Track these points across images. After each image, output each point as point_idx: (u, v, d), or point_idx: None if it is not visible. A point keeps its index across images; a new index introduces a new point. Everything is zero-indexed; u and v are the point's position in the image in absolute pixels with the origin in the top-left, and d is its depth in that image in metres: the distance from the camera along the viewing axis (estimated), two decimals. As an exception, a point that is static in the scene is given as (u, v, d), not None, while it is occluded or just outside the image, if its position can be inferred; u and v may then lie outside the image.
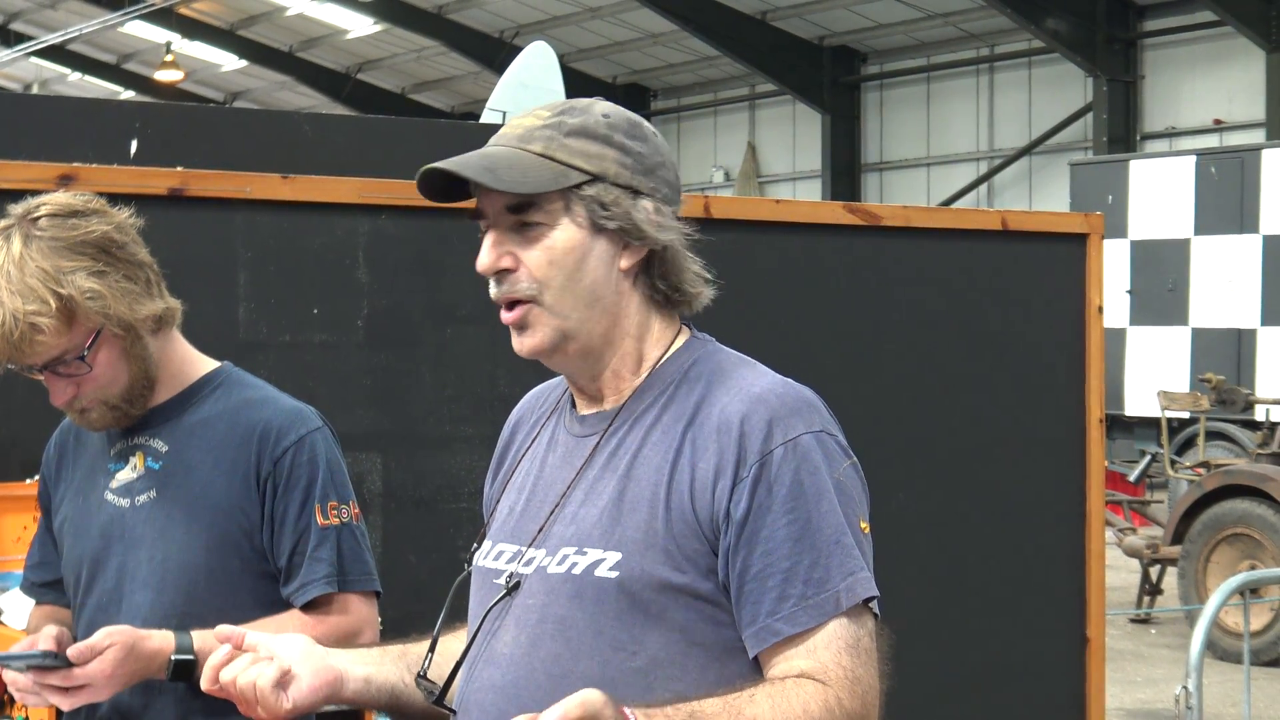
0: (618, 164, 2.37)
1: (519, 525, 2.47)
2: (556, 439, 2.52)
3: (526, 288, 2.37)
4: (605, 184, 2.36)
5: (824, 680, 2.24)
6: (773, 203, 6.15)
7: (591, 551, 2.33)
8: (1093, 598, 5.93)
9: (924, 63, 29.89)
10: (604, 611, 2.30)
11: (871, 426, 5.34)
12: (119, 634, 2.87)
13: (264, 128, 5.11)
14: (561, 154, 2.35)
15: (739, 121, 33.75)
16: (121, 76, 41.08)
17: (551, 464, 2.49)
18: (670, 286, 2.43)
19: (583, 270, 2.36)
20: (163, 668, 2.91)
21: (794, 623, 2.26)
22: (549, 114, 2.41)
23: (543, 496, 2.46)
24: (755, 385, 2.37)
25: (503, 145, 2.38)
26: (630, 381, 2.44)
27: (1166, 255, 17.62)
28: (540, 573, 2.38)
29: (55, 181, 4.19)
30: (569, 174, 2.35)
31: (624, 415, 2.42)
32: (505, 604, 2.41)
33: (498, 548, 2.49)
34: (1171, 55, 25.89)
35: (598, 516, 2.35)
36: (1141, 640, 12.21)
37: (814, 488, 2.30)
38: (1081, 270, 5.93)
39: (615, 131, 2.39)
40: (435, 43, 33.35)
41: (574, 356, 2.42)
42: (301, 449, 3.08)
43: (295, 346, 4.60)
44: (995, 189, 28.66)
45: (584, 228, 2.36)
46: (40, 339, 2.89)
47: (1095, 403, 5.93)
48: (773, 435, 2.30)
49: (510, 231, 2.37)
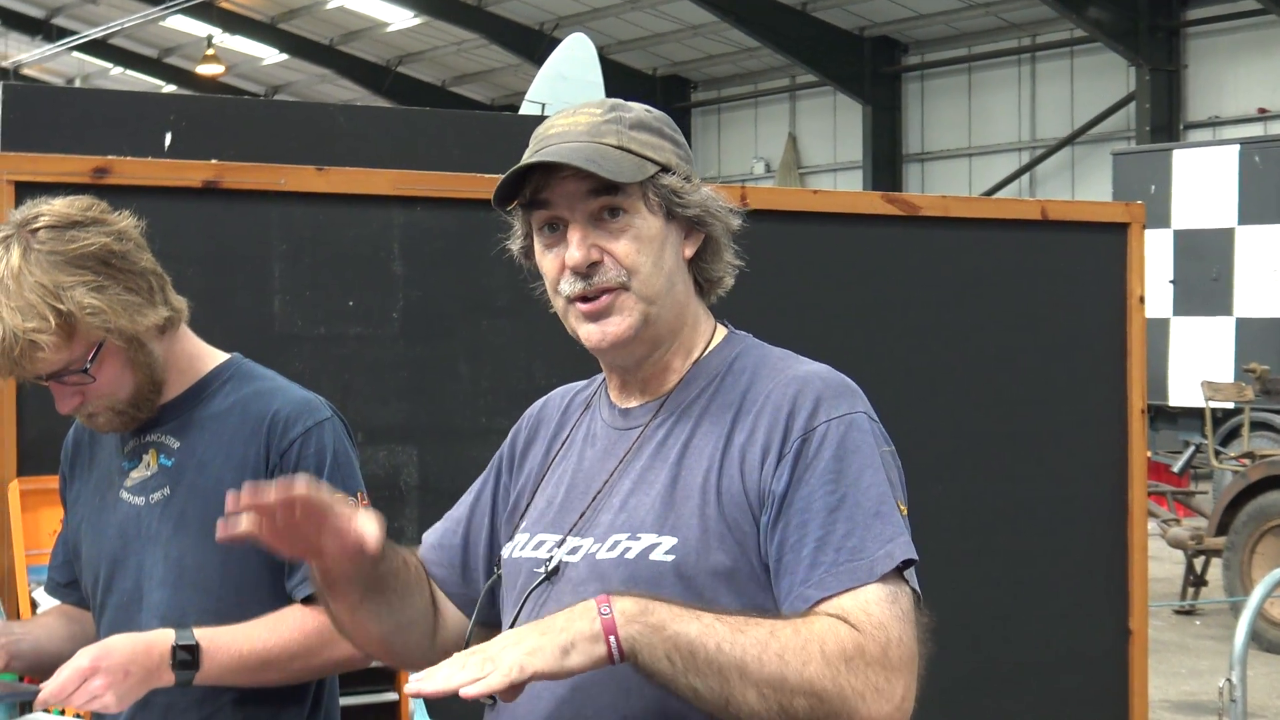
0: (675, 155, 2.46)
1: (559, 517, 2.49)
2: (594, 434, 2.54)
3: (616, 276, 2.40)
4: (672, 174, 2.44)
5: (850, 623, 2.20)
6: (810, 193, 6.11)
7: (646, 537, 2.35)
8: (1136, 590, 5.89)
9: (965, 53, 29.80)
10: (658, 594, 2.28)
11: (911, 417, 5.31)
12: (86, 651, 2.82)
13: (299, 120, 5.10)
14: (634, 146, 2.42)
15: (779, 113, 33.69)
16: (163, 71, 41.25)
17: (591, 457, 2.51)
18: (713, 272, 2.51)
19: (663, 257, 2.43)
20: (165, 658, 2.86)
21: (824, 587, 2.24)
22: (601, 110, 2.46)
23: (584, 488, 2.48)
24: (801, 370, 2.42)
25: (575, 141, 2.40)
26: (677, 373, 2.48)
27: (1210, 245, 17.50)
28: (589, 559, 2.39)
29: (91, 174, 4.20)
30: (646, 165, 2.41)
31: (670, 406, 2.45)
32: (546, 589, 2.42)
33: (537, 538, 2.50)
34: (1215, 44, 25.74)
35: (651, 503, 2.37)
36: (1186, 632, 12.14)
37: (856, 462, 2.31)
38: (1123, 260, 5.88)
39: (664, 125, 2.49)
40: (475, 35, 33.39)
41: (647, 343, 2.45)
42: (309, 440, 3.04)
43: (331, 339, 4.59)
44: (1037, 179, 28.54)
45: (660, 216, 2.43)
46: (41, 355, 2.86)
47: (1137, 393, 5.89)
48: (818, 413, 2.34)
49: (589, 226, 2.41)
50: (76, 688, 2.76)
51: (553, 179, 2.39)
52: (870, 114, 30.74)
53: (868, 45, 30.50)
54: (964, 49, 29.81)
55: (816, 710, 2.14)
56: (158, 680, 2.85)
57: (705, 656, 2.12)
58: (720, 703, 2.14)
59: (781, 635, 2.15)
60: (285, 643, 2.95)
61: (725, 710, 2.15)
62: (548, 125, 2.46)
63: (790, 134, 33.31)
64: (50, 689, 2.76)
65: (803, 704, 2.14)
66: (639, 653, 2.12)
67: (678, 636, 2.13)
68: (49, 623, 3.25)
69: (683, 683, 2.13)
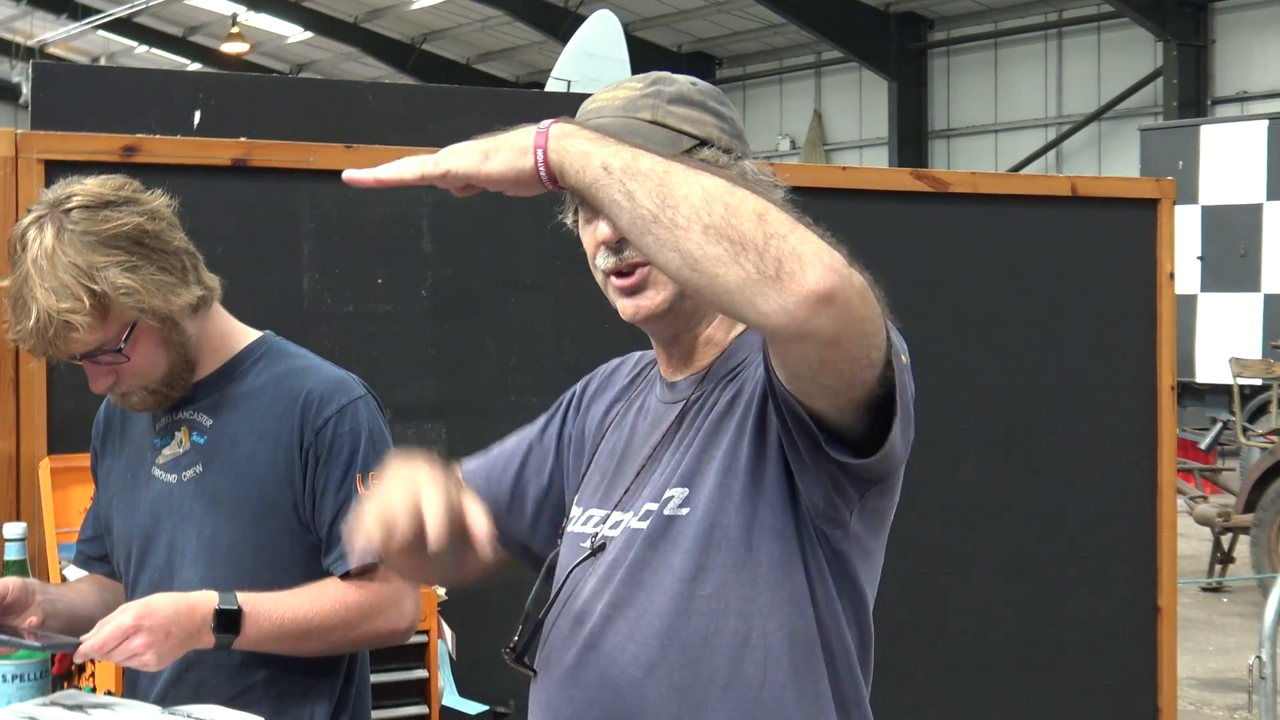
0: (717, 129, 2.42)
1: (608, 492, 2.50)
2: (647, 407, 2.54)
3: None
4: (712, 148, 2.40)
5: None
6: (839, 170, 6.09)
7: (667, 494, 2.34)
8: (1164, 566, 5.88)
9: (991, 28, 29.69)
10: (676, 547, 2.31)
11: (939, 395, 5.30)
12: (129, 607, 2.84)
13: (327, 98, 5.09)
14: (670, 120, 2.39)
15: (805, 89, 33.62)
16: (188, 49, 41.30)
17: (641, 430, 2.52)
18: None
19: None
20: (208, 620, 2.87)
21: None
22: (641, 85, 2.44)
23: (630, 463, 2.49)
24: None
25: (608, 117, 2.38)
26: (719, 346, 2.47)
27: (1238, 221, 17.44)
28: (625, 531, 2.39)
29: (120, 153, 4.20)
30: (681, 139, 2.38)
31: (711, 378, 2.44)
32: (588, 565, 2.43)
33: (588, 513, 2.51)
34: (1242, 18, 25.61)
35: (677, 466, 2.36)
36: (1214, 609, 12.11)
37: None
38: (1152, 236, 5.86)
39: (708, 98, 2.45)
40: (500, 12, 33.35)
41: (685, 316, 2.43)
42: (343, 418, 3.04)
43: (359, 317, 4.59)
44: (1064, 155, 28.44)
45: None
46: (75, 335, 2.87)
47: (1166, 370, 5.87)
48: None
49: None
50: (118, 645, 2.77)
51: None
52: (896, 90, 30.65)
53: (893, 21, 30.40)
54: (990, 24, 29.71)
55: (760, 232, 1.97)
56: (198, 642, 2.87)
57: (650, 165, 2.01)
58: (652, 211, 2.00)
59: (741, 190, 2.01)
60: (326, 613, 2.97)
61: (651, 226, 2.00)
62: (591, 100, 2.46)
63: (815, 111, 33.23)
64: (92, 643, 2.77)
65: (750, 224, 1.98)
66: (565, 164, 2.05)
67: (620, 146, 2.04)
68: (83, 588, 3.27)
69: (617, 189, 2.01)
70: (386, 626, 3.05)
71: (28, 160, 4.15)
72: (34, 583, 3.04)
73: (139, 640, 2.77)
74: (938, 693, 5.44)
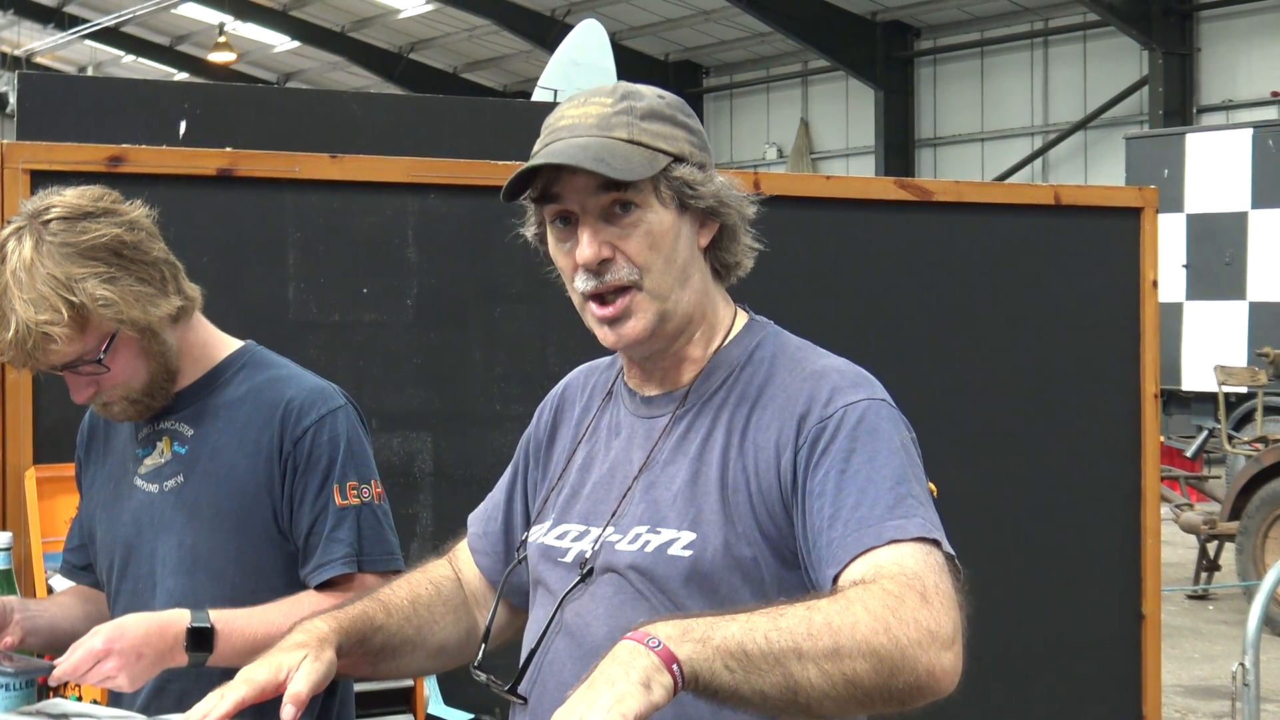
0: (689, 143, 2.41)
1: (585, 506, 2.49)
2: (618, 422, 2.53)
3: (628, 274, 2.38)
4: (686, 164, 2.39)
5: (882, 578, 2.11)
6: (823, 179, 6.11)
7: (666, 531, 2.34)
8: (1148, 574, 5.90)
9: (977, 37, 29.73)
10: (676, 588, 2.31)
11: (923, 403, 5.31)
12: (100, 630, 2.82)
13: (313, 107, 5.11)
14: (646, 138, 2.38)
15: (792, 98, 33.64)
16: (175, 58, 41.27)
17: (617, 447, 2.50)
18: (731, 259, 2.47)
19: (676, 251, 2.39)
20: (180, 639, 2.85)
21: (836, 560, 2.19)
22: (611, 100, 2.41)
23: (609, 478, 2.48)
24: (817, 363, 2.39)
25: (586, 135, 2.36)
26: (697, 362, 2.46)
27: (1223, 229, 17.46)
28: (609, 549, 2.39)
29: (105, 162, 4.21)
30: (658, 157, 2.37)
31: (693, 398, 2.44)
32: (581, 590, 2.41)
33: (560, 527, 2.51)
34: (1228, 27, 25.66)
35: (672, 498, 2.36)
36: (1199, 617, 12.13)
37: (871, 443, 2.26)
38: (1135, 244, 5.88)
39: (678, 112, 2.44)
40: (487, 21, 33.36)
41: (665, 337, 2.43)
42: (322, 428, 3.05)
43: (345, 326, 4.60)
44: (1050, 164, 28.48)
45: (672, 209, 2.39)
46: (54, 347, 2.87)
47: (1150, 378, 5.89)
48: (834, 401, 2.30)
49: (600, 221, 2.38)
50: (89, 668, 2.77)
51: (562, 173, 2.35)
52: (883, 99, 30.68)
53: (880, 30, 30.43)
54: (976, 33, 29.75)
55: (880, 670, 2.03)
56: (171, 661, 2.86)
57: (758, 651, 2.00)
58: (788, 695, 2.02)
59: (821, 607, 2.05)
60: None
61: (795, 701, 2.03)
62: (558, 115, 2.43)
63: (802, 119, 33.26)
64: (64, 668, 2.77)
65: (864, 667, 2.02)
66: (699, 673, 1.98)
67: (726, 642, 1.99)
68: (65, 601, 3.26)
69: (746, 689, 2.00)
70: None
71: (13, 170, 4.16)
72: (13, 601, 3.03)
73: (111, 663, 2.76)
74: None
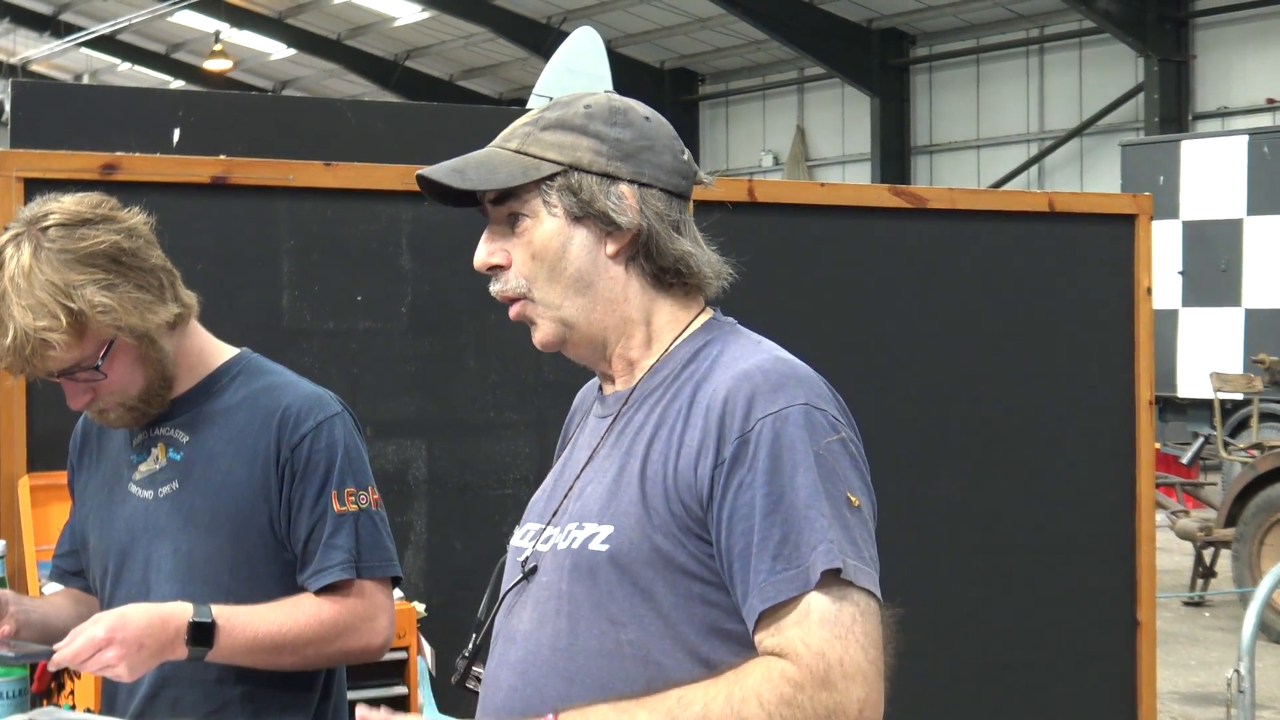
0: (591, 152, 2.41)
1: (545, 505, 2.52)
2: (587, 423, 2.57)
3: (515, 285, 2.44)
4: (579, 173, 2.40)
5: (788, 658, 2.19)
6: (818, 186, 6.12)
7: (589, 526, 2.36)
8: (1144, 581, 5.90)
9: (973, 44, 29.75)
10: (599, 585, 2.32)
11: (918, 410, 5.32)
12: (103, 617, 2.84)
13: (307, 115, 5.11)
14: (534, 148, 2.42)
15: (788, 105, 33.66)
16: (171, 66, 41.26)
17: (580, 446, 2.54)
18: (659, 268, 2.44)
19: (565, 260, 2.41)
20: (181, 633, 2.87)
21: (765, 598, 2.22)
22: (541, 110, 2.47)
23: (568, 477, 2.51)
24: (747, 362, 2.36)
25: (490, 146, 2.46)
26: (644, 363, 2.46)
27: (1219, 236, 17.48)
28: (553, 550, 2.41)
29: (99, 170, 4.21)
30: (540, 166, 2.40)
31: (636, 395, 2.45)
32: (523, 587, 2.44)
33: (525, 527, 2.54)
34: (1223, 34, 25.69)
35: (599, 493, 2.38)
36: (1195, 623, 12.13)
37: (790, 461, 2.26)
38: (1130, 251, 5.89)
39: (593, 120, 2.43)
40: (483, 29, 33.36)
41: (582, 345, 2.47)
42: (320, 434, 3.05)
43: (339, 334, 4.60)
44: (1046, 171, 28.50)
45: (561, 218, 2.41)
46: (52, 353, 2.88)
47: (1145, 384, 5.89)
48: (753, 412, 2.29)
49: (503, 227, 2.45)
50: (91, 655, 2.78)
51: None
52: (878, 106, 30.70)
53: (876, 37, 30.44)
54: (972, 40, 29.77)
55: None
56: (171, 654, 2.87)
57: None
58: None
59: (715, 707, 2.16)
60: (301, 628, 2.98)
61: None
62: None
63: (798, 126, 33.27)
64: (65, 653, 2.78)
65: None
66: None
67: None
68: (58, 601, 3.27)
69: None
70: (360, 643, 3.05)
71: (7, 178, 4.16)
72: (8, 594, 3.04)
73: (111, 652, 2.78)
74: (916, 708, 5.45)
